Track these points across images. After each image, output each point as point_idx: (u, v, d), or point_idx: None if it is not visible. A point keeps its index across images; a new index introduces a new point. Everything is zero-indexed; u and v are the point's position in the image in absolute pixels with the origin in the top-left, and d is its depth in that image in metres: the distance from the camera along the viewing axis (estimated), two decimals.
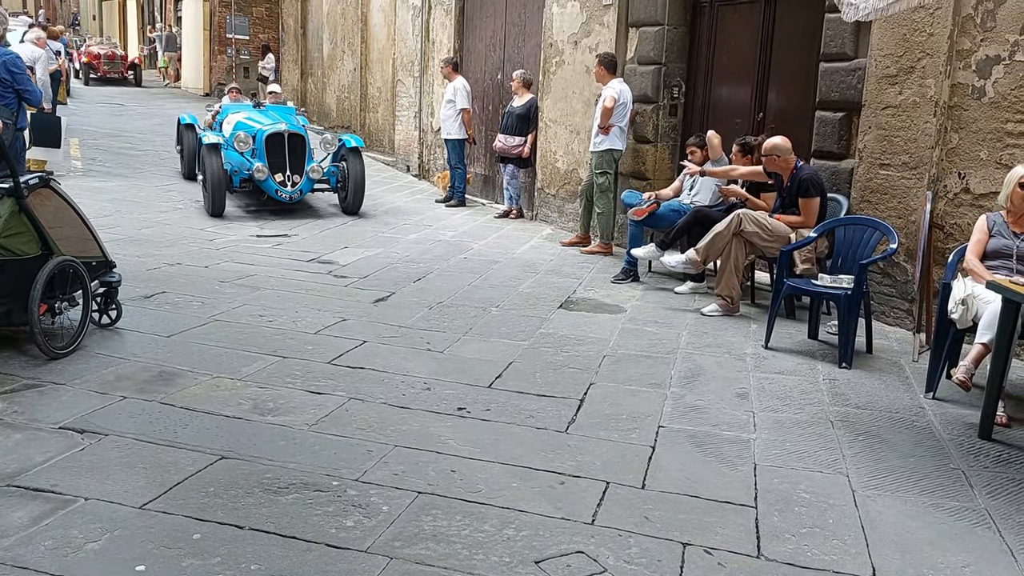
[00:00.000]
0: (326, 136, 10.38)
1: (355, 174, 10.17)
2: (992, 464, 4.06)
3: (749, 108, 7.90)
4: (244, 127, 10.27)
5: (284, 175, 9.71)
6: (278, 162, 9.71)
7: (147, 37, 35.76)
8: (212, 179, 9.45)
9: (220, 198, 9.50)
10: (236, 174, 9.61)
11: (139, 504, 3.24)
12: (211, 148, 9.47)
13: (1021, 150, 5.54)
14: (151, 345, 5.13)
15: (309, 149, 10.05)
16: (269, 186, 9.65)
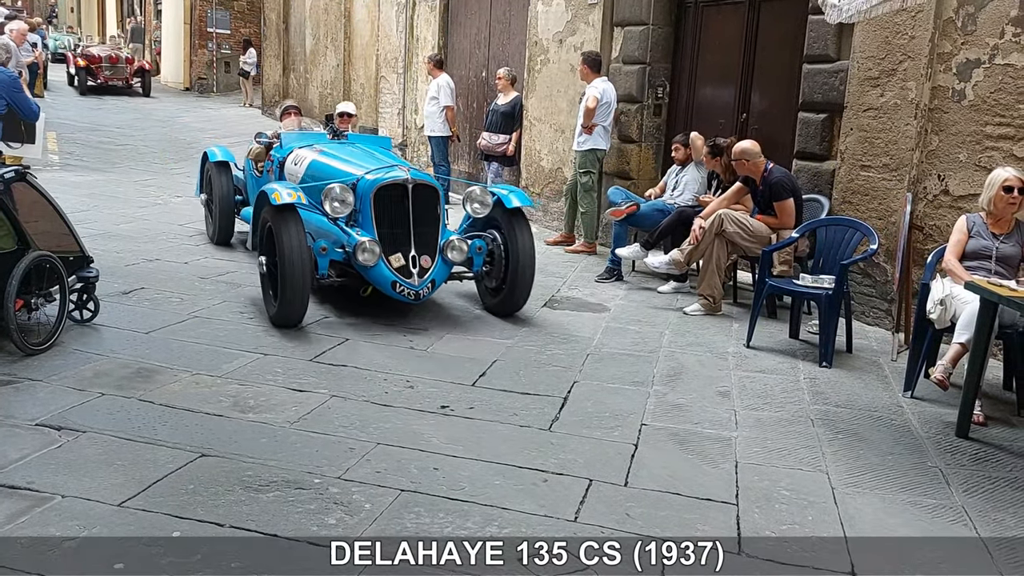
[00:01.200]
0: (473, 191, 6.21)
1: (520, 252, 5.99)
2: (969, 462, 4.10)
3: (733, 109, 7.93)
4: (329, 172, 6.31)
5: (406, 256, 5.74)
6: (395, 234, 5.77)
7: (125, 30, 35.41)
8: (292, 272, 5.30)
9: (302, 301, 5.40)
10: (323, 254, 5.60)
11: (117, 502, 3.22)
12: (282, 213, 5.41)
13: (1000, 153, 5.59)
14: (129, 341, 5.09)
15: (444, 211, 6.09)
16: (381, 276, 5.61)
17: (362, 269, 5.59)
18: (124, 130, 16.84)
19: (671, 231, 7.18)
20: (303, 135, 7.62)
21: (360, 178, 5.92)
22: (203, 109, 21.82)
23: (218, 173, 7.98)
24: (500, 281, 6.13)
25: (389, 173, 5.92)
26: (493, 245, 6.12)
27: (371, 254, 5.51)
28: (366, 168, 6.10)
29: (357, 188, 5.83)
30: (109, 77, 23.25)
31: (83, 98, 21.86)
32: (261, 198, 5.70)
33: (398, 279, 5.58)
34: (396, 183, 5.82)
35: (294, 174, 6.77)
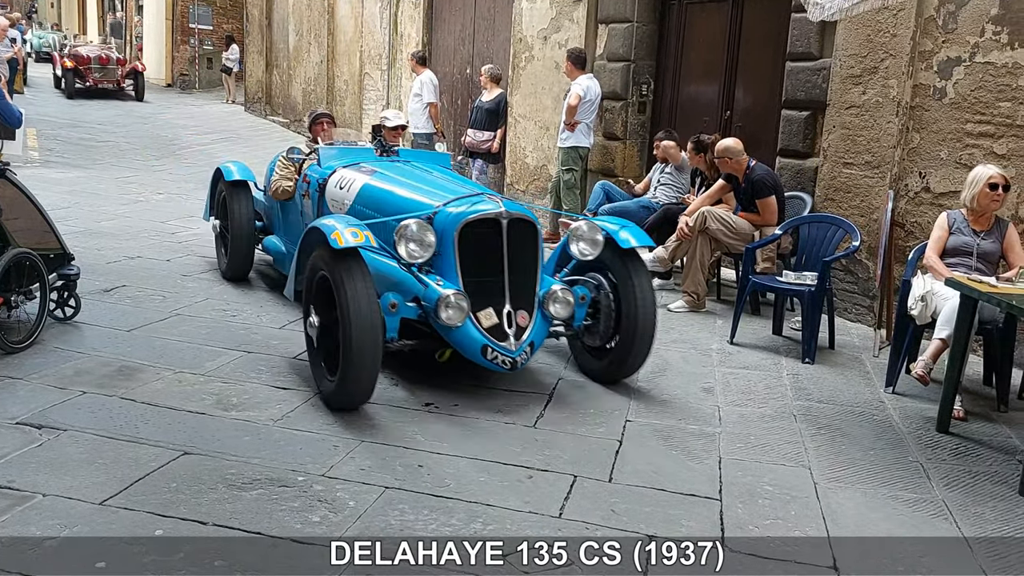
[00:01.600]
0: (579, 227, 4.84)
1: (638, 305, 4.69)
2: (949, 457, 4.13)
3: (717, 106, 7.96)
4: (390, 201, 5.13)
5: (500, 313, 4.48)
6: (484, 284, 4.51)
7: (108, 25, 35.10)
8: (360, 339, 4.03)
9: (371, 376, 4.14)
10: (393, 312, 4.32)
11: (99, 500, 3.20)
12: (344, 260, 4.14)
13: (980, 150, 5.64)
14: (111, 340, 5.06)
15: (541, 251, 4.74)
16: (468, 340, 4.38)
17: (444, 330, 4.35)
18: (105, 127, 16.73)
19: (657, 228, 7.19)
20: (344, 150, 6.22)
21: (438, 210, 4.61)
22: (185, 106, 21.69)
23: (235, 195, 6.56)
24: (606, 339, 4.84)
25: (476, 204, 4.59)
26: (599, 294, 4.83)
27: (458, 311, 4.27)
28: (442, 197, 4.80)
29: (434, 223, 4.53)
30: (99, 80, 21.38)
31: (58, 94, 21.46)
32: (312, 237, 4.39)
33: (490, 343, 4.33)
34: (487, 217, 4.51)
35: (340, 201, 5.47)
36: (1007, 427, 4.57)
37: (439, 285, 4.37)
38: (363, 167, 5.73)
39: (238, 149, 15.32)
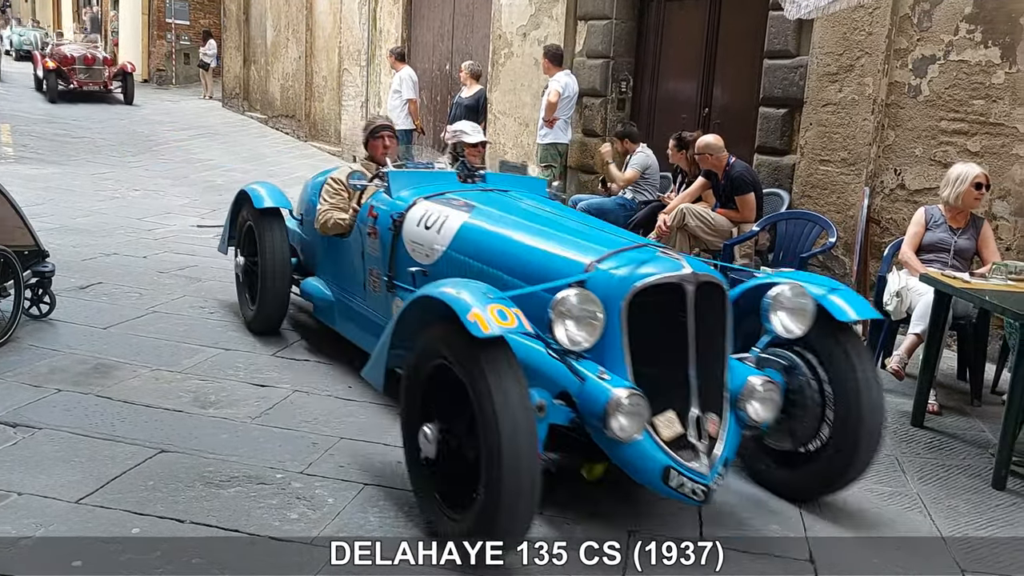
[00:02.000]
0: (782, 292, 3.50)
1: (862, 398, 3.47)
2: (924, 451, 4.18)
3: (695, 103, 7.99)
4: (511, 252, 3.81)
5: (684, 417, 3.16)
6: (660, 377, 3.20)
7: (81, 20, 34.71)
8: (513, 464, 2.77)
9: (528, 510, 2.85)
10: (540, 417, 2.97)
11: (75, 499, 3.17)
12: (486, 350, 2.85)
13: (955, 147, 5.70)
14: (87, 337, 5.01)
15: (731, 328, 3.40)
16: (644, 459, 3.06)
17: (608, 443, 3.07)
18: (80, 122, 16.57)
19: (644, 225, 7.23)
20: (418, 174, 4.90)
21: (592, 270, 3.32)
22: (162, 101, 21.50)
23: (266, 226, 5.20)
24: (804, 441, 3.54)
25: (648, 263, 3.27)
26: (799, 381, 3.55)
27: (635, 419, 2.98)
28: (591, 249, 3.51)
29: (604, 288, 3.20)
30: (84, 81, 19.43)
31: (33, 88, 20.30)
32: (422, 310, 3.14)
33: (675, 463, 3.04)
34: (668, 282, 3.19)
35: (427, 244, 4.15)
36: (980, 421, 4.63)
37: (603, 379, 3.04)
38: (452, 199, 4.39)
39: (215, 145, 15.26)
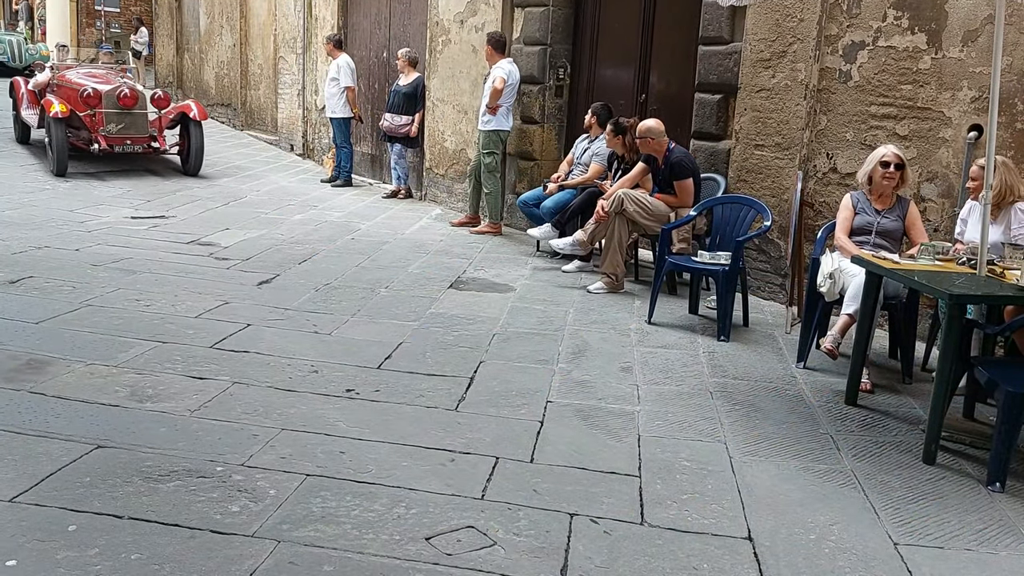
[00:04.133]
0: None
1: None
2: (857, 428, 4.30)
3: (632, 89, 8.06)
4: None
5: None
6: None
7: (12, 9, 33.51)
8: None
9: None
10: None
11: (8, 497, 3.10)
12: None
13: (884, 132, 5.84)
14: (18, 332, 4.88)
15: None
16: None
17: None
18: (5, 112, 16.03)
19: (581, 211, 7.28)
20: None
21: None
22: None
23: None
24: None
25: None
26: None
27: None
28: None
29: None
30: (119, 138, 10.59)
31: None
32: None
33: None
34: None
35: None
36: (912, 398, 4.77)
37: None
38: None
39: None
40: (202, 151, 11.14)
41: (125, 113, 10.58)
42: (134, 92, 10.67)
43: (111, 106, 10.51)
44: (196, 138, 11.09)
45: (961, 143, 5.45)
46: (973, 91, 5.39)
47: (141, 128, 10.79)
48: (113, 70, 12.21)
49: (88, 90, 10.53)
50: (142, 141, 10.75)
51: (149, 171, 11.22)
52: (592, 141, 7.78)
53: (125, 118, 10.60)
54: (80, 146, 10.66)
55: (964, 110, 5.45)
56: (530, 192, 8.13)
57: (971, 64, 5.40)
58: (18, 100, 12.56)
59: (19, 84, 12.61)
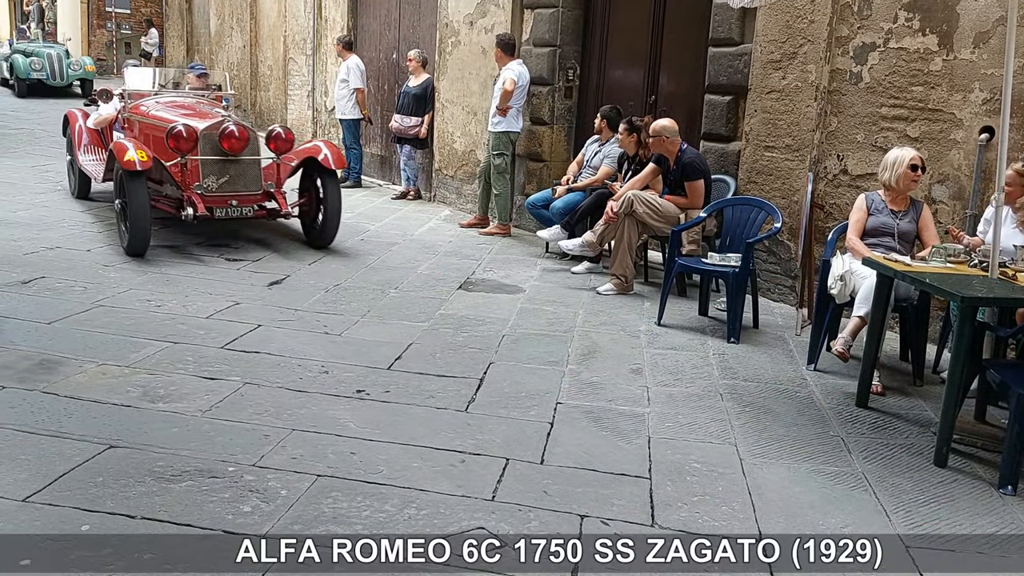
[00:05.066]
0: None
1: None
2: (868, 430, 4.29)
3: (642, 91, 8.05)
4: None
5: None
6: None
7: (24, 10, 33.60)
8: None
9: None
10: None
11: (22, 497, 3.12)
12: None
13: (895, 133, 5.83)
14: (31, 332, 4.91)
15: None
16: None
17: None
18: (19, 113, 16.14)
19: (590, 213, 7.28)
20: None
21: None
22: None
23: None
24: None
25: None
26: None
27: None
28: None
29: None
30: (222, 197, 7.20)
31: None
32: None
33: None
34: None
35: None
36: (923, 400, 4.75)
37: None
38: None
39: None
40: (339, 214, 7.52)
41: (230, 161, 7.20)
42: (243, 130, 7.23)
43: (211, 151, 7.13)
44: (332, 196, 7.47)
45: (972, 145, 5.43)
46: (985, 93, 5.38)
47: (252, 182, 7.39)
48: (205, 97, 8.88)
49: (179, 127, 7.03)
50: (253, 200, 7.35)
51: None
52: (603, 144, 7.77)
53: (230, 168, 7.22)
54: (164, 209, 7.25)
55: (975, 112, 5.43)
56: (539, 193, 8.12)
57: (982, 66, 5.38)
58: (75, 141, 9.03)
59: (75, 119, 9.23)
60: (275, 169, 7.64)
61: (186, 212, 6.88)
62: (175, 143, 6.99)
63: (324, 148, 7.62)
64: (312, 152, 7.65)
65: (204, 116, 7.65)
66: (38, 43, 19.64)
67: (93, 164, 8.62)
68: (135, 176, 6.68)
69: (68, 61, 18.81)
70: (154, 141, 7.44)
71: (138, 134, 7.93)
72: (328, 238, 7.57)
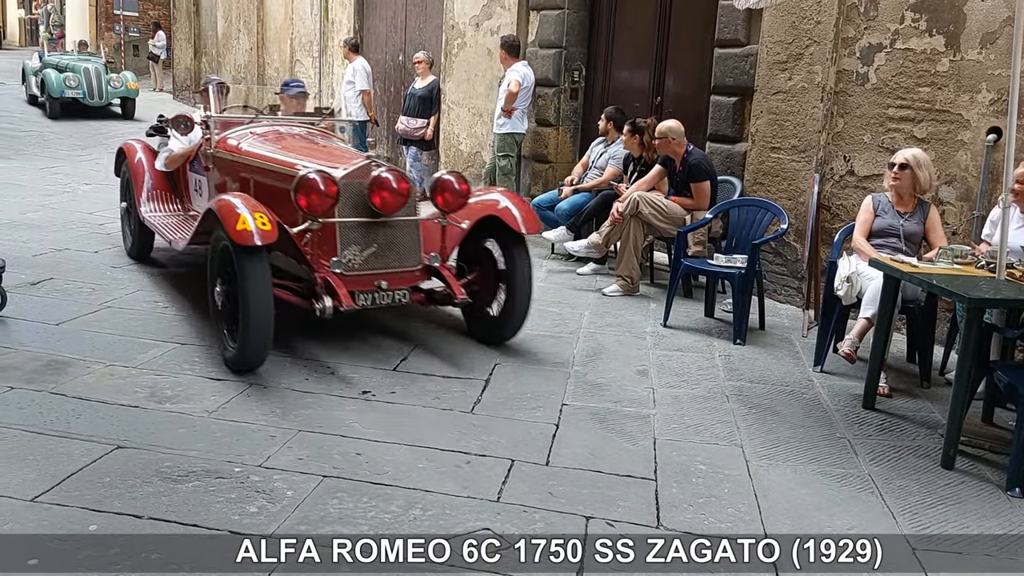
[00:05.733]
0: None
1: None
2: (875, 432, 4.28)
3: (647, 92, 8.06)
4: None
5: None
6: None
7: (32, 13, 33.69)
8: None
9: None
10: None
11: (30, 497, 3.13)
12: None
13: (901, 134, 5.82)
14: (39, 333, 4.93)
15: None
16: None
17: None
18: (28, 116, 16.20)
19: (596, 214, 7.29)
20: None
21: None
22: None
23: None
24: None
25: None
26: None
27: None
28: None
29: None
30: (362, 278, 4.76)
31: None
32: None
33: None
34: None
35: None
36: (930, 402, 4.74)
37: None
38: None
39: None
40: (528, 301, 5.20)
41: (378, 224, 4.87)
42: (402, 180, 4.90)
43: (354, 209, 4.82)
44: (520, 272, 5.16)
45: (980, 146, 5.42)
46: (992, 93, 5.37)
47: (408, 252, 4.98)
48: (315, 125, 6.43)
49: (312, 177, 4.63)
50: (409, 279, 4.95)
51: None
52: (608, 146, 7.77)
53: (378, 233, 4.88)
54: (283, 297, 4.69)
55: (983, 112, 5.42)
56: (545, 195, 8.12)
57: (990, 66, 5.37)
58: (135, 184, 6.64)
59: (133, 153, 6.88)
60: (439, 233, 5.06)
61: (322, 305, 4.49)
62: (307, 199, 4.54)
63: (507, 201, 5.22)
64: (491, 209, 5.16)
65: (334, 157, 5.34)
66: (73, 56, 17.53)
67: (164, 219, 6.37)
68: (252, 254, 4.31)
69: (107, 77, 16.53)
70: (260, 192, 5.15)
71: (232, 180, 5.64)
72: (509, 331, 5.22)
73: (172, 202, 6.65)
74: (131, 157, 6.88)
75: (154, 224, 6.32)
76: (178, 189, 6.68)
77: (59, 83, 15.73)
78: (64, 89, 15.70)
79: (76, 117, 15.64)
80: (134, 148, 6.95)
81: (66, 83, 15.77)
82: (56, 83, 15.71)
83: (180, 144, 6.38)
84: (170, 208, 6.59)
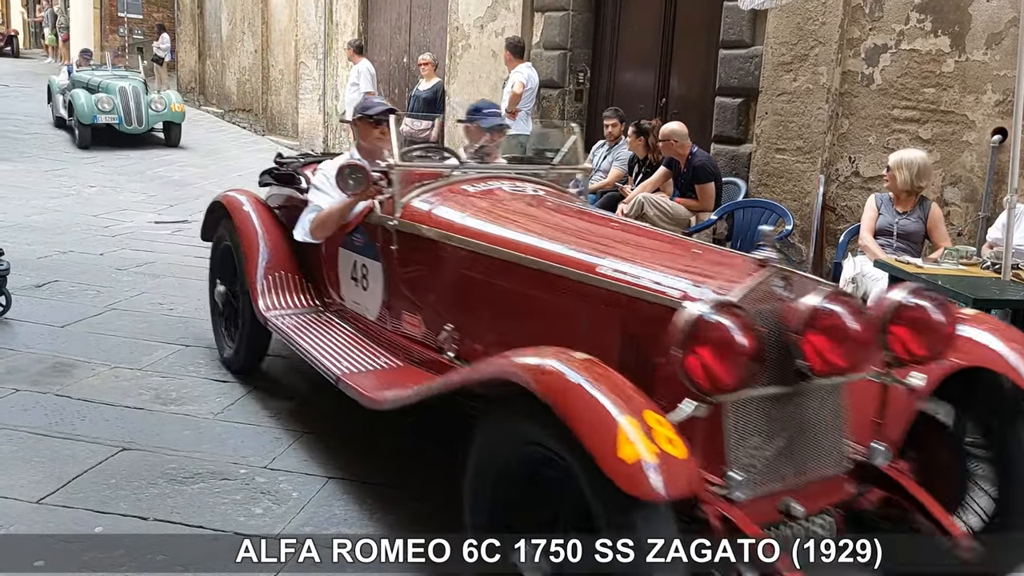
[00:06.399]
0: None
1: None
2: None
3: (652, 93, 8.05)
4: None
5: None
6: None
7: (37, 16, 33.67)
8: None
9: None
10: None
11: (36, 499, 3.14)
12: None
13: (907, 135, 5.81)
14: (44, 336, 4.93)
15: None
16: None
17: None
18: (32, 118, 16.23)
19: None
20: None
21: None
22: None
23: None
24: None
25: None
26: None
27: None
28: None
29: None
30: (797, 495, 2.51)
31: None
32: None
33: None
34: None
35: None
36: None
37: None
38: None
39: None
40: None
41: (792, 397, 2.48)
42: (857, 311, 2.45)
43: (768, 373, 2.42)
44: None
45: (985, 146, 5.41)
46: (997, 94, 5.36)
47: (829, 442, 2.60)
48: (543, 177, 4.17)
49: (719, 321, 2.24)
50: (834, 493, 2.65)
51: None
52: (611, 148, 7.76)
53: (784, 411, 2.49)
54: None
55: (988, 113, 5.40)
56: None
57: (995, 67, 5.36)
58: (247, 260, 4.35)
59: (243, 215, 4.52)
60: (875, 400, 2.71)
61: None
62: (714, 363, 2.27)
63: (999, 341, 2.79)
64: (975, 356, 2.78)
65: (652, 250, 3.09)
66: (106, 72, 14.26)
67: (295, 321, 4.18)
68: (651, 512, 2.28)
69: (148, 99, 13.47)
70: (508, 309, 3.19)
71: (430, 274, 3.57)
72: None
73: (304, 293, 4.37)
74: (238, 219, 4.48)
75: (287, 333, 4.02)
76: (313, 268, 4.36)
77: (90, 106, 12.86)
78: (96, 114, 12.84)
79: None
80: (238, 203, 4.57)
81: (99, 106, 12.88)
82: (87, 106, 12.86)
83: (330, 199, 4.00)
84: (303, 303, 4.34)
